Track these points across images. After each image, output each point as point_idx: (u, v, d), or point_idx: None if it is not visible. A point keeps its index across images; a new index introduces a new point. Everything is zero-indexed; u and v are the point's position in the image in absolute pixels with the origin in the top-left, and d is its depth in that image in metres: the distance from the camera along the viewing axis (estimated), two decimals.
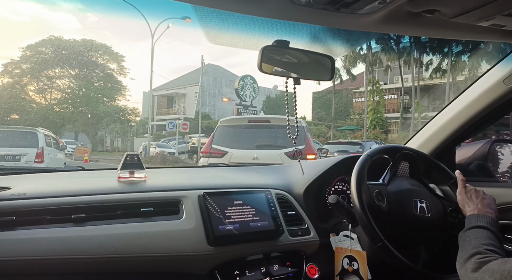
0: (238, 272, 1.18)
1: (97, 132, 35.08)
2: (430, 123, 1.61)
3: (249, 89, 20.65)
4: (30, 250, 0.97)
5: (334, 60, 1.19)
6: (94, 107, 33.60)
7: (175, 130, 20.73)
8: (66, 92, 35.31)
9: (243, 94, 20.35)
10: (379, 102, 27.83)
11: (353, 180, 1.16)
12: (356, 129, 27.97)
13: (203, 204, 1.18)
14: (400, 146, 1.39)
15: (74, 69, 34.99)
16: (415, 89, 26.29)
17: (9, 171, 1.61)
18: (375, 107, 27.33)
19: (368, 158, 1.22)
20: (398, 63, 27.45)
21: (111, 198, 1.15)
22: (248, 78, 20.87)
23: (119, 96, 36.41)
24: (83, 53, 33.67)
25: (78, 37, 36.07)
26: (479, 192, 1.16)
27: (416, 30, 1.11)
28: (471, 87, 1.46)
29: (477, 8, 0.90)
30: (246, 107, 20.17)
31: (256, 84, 21.31)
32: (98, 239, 1.03)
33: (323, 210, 1.44)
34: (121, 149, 33.26)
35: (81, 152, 15.61)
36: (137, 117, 36.54)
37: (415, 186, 1.26)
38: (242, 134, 5.68)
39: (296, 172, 1.56)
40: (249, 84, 20.72)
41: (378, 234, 1.10)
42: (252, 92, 20.77)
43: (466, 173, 1.57)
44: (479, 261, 0.88)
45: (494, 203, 1.13)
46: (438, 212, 1.22)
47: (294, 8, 0.89)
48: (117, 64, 36.20)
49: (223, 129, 5.72)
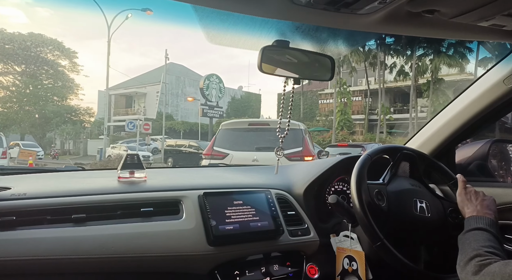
0: (238, 272, 1.18)
1: (46, 134, 32.36)
2: (430, 124, 1.61)
3: (215, 89, 19.93)
4: (30, 250, 0.97)
5: (334, 60, 1.19)
6: (43, 106, 30.50)
7: (135, 131, 19.00)
8: (10, 90, 31.26)
9: (209, 94, 19.55)
10: (346, 103, 28.08)
11: (353, 179, 1.16)
12: (324, 131, 27.91)
13: (203, 204, 1.18)
14: (401, 146, 1.40)
15: (20, 65, 31.51)
16: (380, 91, 26.94)
17: (9, 171, 1.61)
18: (343, 109, 27.55)
19: (368, 158, 1.22)
20: (364, 65, 27.99)
21: (111, 198, 1.15)
22: (213, 77, 20.03)
23: (71, 95, 33.07)
24: (30, 48, 30.39)
25: (25, 32, 31.45)
26: (479, 193, 1.16)
27: (416, 30, 1.11)
28: (471, 87, 1.46)
29: (477, 8, 0.90)
30: (211, 107, 19.42)
31: (222, 84, 20.53)
32: (98, 239, 1.03)
33: (323, 210, 1.44)
34: (72, 151, 31.28)
35: (25, 155, 13.77)
36: (92, 118, 33.88)
37: (415, 186, 1.26)
38: (242, 137, 5.90)
39: (296, 172, 1.56)
40: (215, 83, 19.98)
41: (377, 233, 1.10)
42: (218, 92, 20.02)
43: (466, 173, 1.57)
44: (480, 264, 0.87)
45: (494, 204, 1.13)
46: (438, 212, 1.22)
47: (294, 8, 0.89)
48: (69, 60, 32.69)
49: (224, 132, 5.97)
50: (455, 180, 1.24)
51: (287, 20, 1.00)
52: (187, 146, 18.64)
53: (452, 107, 1.52)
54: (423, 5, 0.90)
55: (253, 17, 0.97)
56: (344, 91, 27.75)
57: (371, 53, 27.22)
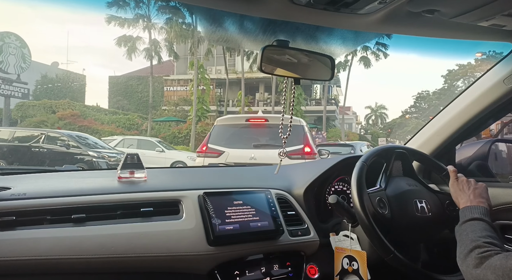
0: (238, 272, 1.18)
1: None
2: (430, 124, 1.61)
3: (14, 56, 13.84)
4: (30, 250, 0.97)
5: (334, 60, 1.19)
6: None
7: None
8: None
9: (3, 62, 13.44)
10: (205, 90, 24.02)
11: (354, 191, 1.15)
12: (180, 121, 24.21)
13: (203, 204, 1.18)
14: (392, 145, 1.39)
15: None
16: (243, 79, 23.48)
17: (9, 171, 1.61)
18: (200, 96, 23.24)
19: (363, 165, 1.21)
20: (222, 52, 24.32)
21: (111, 198, 1.15)
22: (11, 37, 13.77)
23: None
24: None
25: None
26: (470, 182, 1.16)
27: (416, 30, 1.11)
28: (471, 87, 1.46)
29: (477, 8, 0.90)
30: (9, 82, 13.54)
31: (28, 50, 14.42)
32: (98, 239, 1.03)
33: (323, 210, 1.44)
34: None
35: None
36: None
37: (412, 186, 1.26)
38: (239, 133, 5.48)
39: (296, 172, 1.56)
40: (13, 47, 13.80)
41: (388, 246, 1.10)
42: (21, 61, 14.00)
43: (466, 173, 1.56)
44: (480, 256, 0.88)
45: (486, 191, 1.14)
46: (437, 209, 1.23)
47: (294, 8, 0.89)
48: None
49: (219, 129, 5.53)
50: (447, 171, 1.24)
51: (287, 20, 1.00)
52: (44, 137, 10.41)
53: (452, 107, 1.52)
54: (423, 5, 0.90)
55: (253, 17, 0.98)
56: (202, 76, 23.58)
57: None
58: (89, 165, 9.52)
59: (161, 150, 13.08)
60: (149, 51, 23.67)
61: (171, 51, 24.02)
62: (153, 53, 23.81)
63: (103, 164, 9.54)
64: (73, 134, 11.10)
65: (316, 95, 29.96)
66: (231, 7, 0.92)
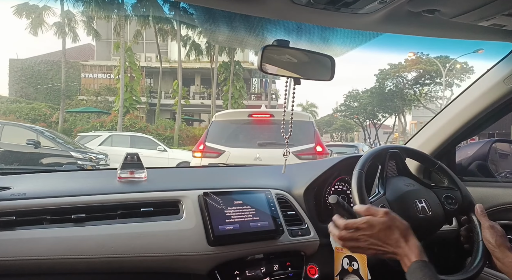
0: (238, 272, 1.18)
1: None
2: (430, 124, 1.61)
3: None
4: (30, 250, 0.97)
5: (334, 60, 1.19)
6: None
7: None
8: None
9: None
10: (134, 77, 20.92)
11: (356, 202, 1.13)
12: (103, 113, 21.28)
13: (203, 204, 1.17)
14: (384, 146, 1.38)
15: None
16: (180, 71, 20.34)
17: (9, 171, 1.61)
18: (128, 84, 20.19)
19: (361, 173, 1.18)
20: (155, 33, 20.89)
21: (111, 198, 1.15)
22: None
23: None
24: None
25: None
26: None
27: (416, 30, 1.11)
28: (471, 87, 1.46)
29: (477, 8, 0.90)
30: None
31: None
32: (98, 239, 1.03)
33: (323, 210, 1.43)
34: None
35: None
36: None
37: (410, 186, 1.26)
38: (241, 130, 4.88)
39: (296, 172, 1.56)
40: None
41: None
42: None
43: (466, 173, 1.56)
44: None
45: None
46: (436, 206, 1.22)
47: (294, 8, 0.89)
48: None
49: (218, 125, 4.90)
50: (439, 164, 1.24)
51: (287, 20, 1.00)
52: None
53: (452, 107, 1.52)
54: (424, 5, 0.90)
55: (253, 17, 0.98)
56: (131, 61, 20.30)
57: (162, 19, 19.38)
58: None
59: (162, 148, 11.57)
60: (61, 26, 19.66)
61: (90, 29, 19.81)
62: (67, 29, 19.82)
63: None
64: (40, 129, 8.79)
65: (255, 90, 28.29)
66: (231, 7, 0.92)
